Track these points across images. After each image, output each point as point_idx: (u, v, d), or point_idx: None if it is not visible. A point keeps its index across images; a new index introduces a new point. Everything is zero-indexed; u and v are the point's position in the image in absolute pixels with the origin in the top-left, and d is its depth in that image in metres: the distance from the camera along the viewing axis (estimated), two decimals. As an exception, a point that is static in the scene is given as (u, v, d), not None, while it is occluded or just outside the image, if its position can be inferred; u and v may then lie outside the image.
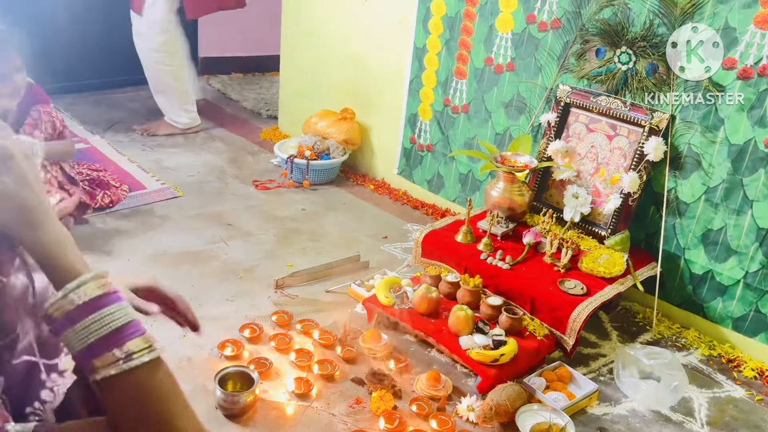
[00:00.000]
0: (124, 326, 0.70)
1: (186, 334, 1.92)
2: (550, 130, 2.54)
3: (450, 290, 2.21)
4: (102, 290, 0.70)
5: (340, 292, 2.40)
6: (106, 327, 0.69)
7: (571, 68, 2.53)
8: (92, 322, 0.68)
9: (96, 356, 0.68)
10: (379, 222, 3.03)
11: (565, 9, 2.49)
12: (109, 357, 0.68)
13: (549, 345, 2.07)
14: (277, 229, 2.86)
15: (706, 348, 2.27)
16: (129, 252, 2.55)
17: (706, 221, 2.27)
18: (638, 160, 2.30)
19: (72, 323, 0.68)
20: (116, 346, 0.69)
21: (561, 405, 1.83)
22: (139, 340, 0.70)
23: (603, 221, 2.39)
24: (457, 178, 3.06)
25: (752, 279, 2.19)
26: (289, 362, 2.00)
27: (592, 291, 2.10)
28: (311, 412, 1.81)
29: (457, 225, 2.46)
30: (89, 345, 0.68)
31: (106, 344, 0.68)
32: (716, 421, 1.94)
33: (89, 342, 0.68)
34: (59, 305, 0.68)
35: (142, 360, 0.69)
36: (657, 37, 2.27)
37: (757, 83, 2.08)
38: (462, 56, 2.89)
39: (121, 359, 0.68)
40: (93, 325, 0.68)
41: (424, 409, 1.84)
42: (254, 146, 3.83)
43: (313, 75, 3.77)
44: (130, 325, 0.70)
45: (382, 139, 3.43)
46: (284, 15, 3.88)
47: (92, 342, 0.68)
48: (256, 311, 2.24)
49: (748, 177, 2.14)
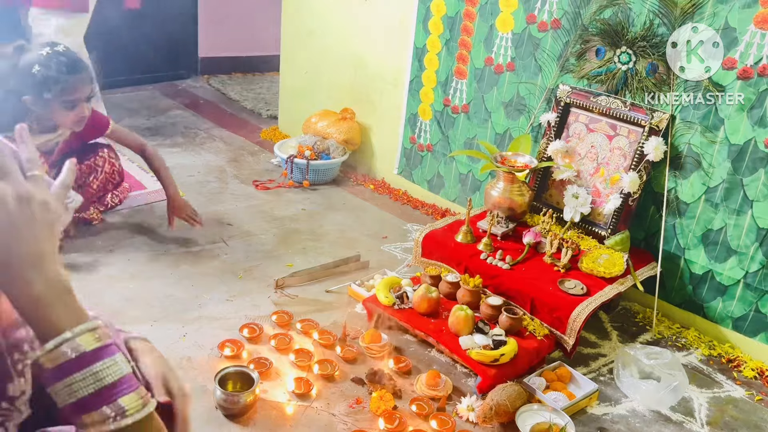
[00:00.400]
0: (117, 381, 0.66)
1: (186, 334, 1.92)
2: (550, 130, 2.54)
3: (450, 290, 2.21)
4: (97, 343, 0.66)
5: (340, 292, 2.40)
6: (98, 382, 0.65)
7: (571, 68, 2.53)
8: (85, 377, 0.64)
9: (86, 412, 0.64)
10: (379, 222, 3.03)
11: (565, 9, 2.49)
12: (99, 414, 0.64)
13: (549, 345, 2.07)
14: (277, 229, 2.86)
15: (706, 348, 2.27)
16: (129, 252, 2.55)
17: (706, 221, 2.27)
18: (638, 160, 2.30)
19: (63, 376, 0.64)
20: (107, 403, 0.65)
21: (561, 405, 1.83)
22: (132, 396, 0.66)
23: (603, 221, 2.39)
24: (457, 178, 3.06)
25: (752, 279, 2.19)
26: (289, 362, 2.00)
27: (592, 291, 2.10)
28: (311, 412, 1.81)
29: (457, 225, 2.46)
30: (79, 399, 0.64)
31: (98, 400, 0.64)
32: (716, 421, 1.94)
33: (79, 396, 0.64)
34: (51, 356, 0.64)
35: (134, 418, 0.66)
36: (657, 37, 2.27)
37: (757, 83, 2.08)
38: (462, 56, 2.89)
39: (111, 417, 0.64)
40: (86, 380, 0.64)
41: (424, 409, 1.84)
42: (254, 146, 3.83)
43: (313, 75, 3.77)
44: (123, 379, 0.66)
45: (382, 139, 3.43)
46: (284, 15, 3.88)
47: (83, 396, 0.64)
48: (256, 311, 2.24)
49: (748, 177, 2.14)
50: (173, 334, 2.09)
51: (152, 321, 2.14)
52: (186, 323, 2.14)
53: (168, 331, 2.10)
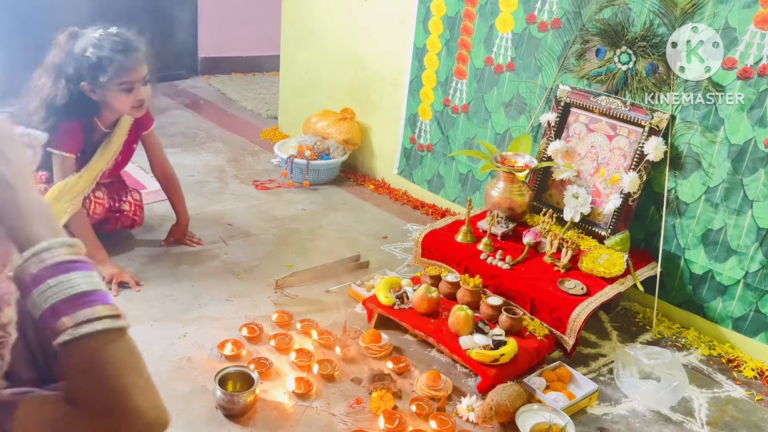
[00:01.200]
0: (88, 292, 0.70)
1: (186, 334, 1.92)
2: (550, 130, 2.54)
3: (450, 290, 2.21)
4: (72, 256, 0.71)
5: (340, 292, 2.40)
6: (71, 288, 0.69)
7: (571, 68, 2.53)
8: (58, 283, 0.69)
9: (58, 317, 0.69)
10: (379, 222, 3.03)
11: (565, 9, 2.49)
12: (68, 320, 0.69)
13: (549, 345, 2.07)
14: (277, 229, 2.86)
15: (706, 348, 2.27)
16: (129, 251, 2.55)
17: (706, 221, 2.27)
18: (638, 160, 2.30)
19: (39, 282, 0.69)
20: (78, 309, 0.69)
21: (561, 405, 1.83)
22: (101, 307, 0.70)
23: (603, 221, 2.39)
24: (457, 178, 3.06)
25: (752, 279, 2.19)
26: (289, 362, 2.00)
27: (592, 291, 2.10)
28: (311, 412, 1.81)
29: (457, 225, 2.46)
30: (52, 305, 0.69)
31: (69, 306, 0.69)
32: (716, 421, 1.93)
33: (52, 302, 0.69)
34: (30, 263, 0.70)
35: (104, 326, 0.69)
36: (657, 37, 2.27)
37: (757, 83, 2.08)
38: (462, 56, 2.89)
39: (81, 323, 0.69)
40: (60, 284, 0.69)
41: (424, 409, 1.84)
42: (254, 146, 3.83)
43: (313, 75, 3.77)
44: (95, 293, 0.71)
45: (382, 139, 3.43)
46: (284, 15, 3.88)
47: (55, 303, 0.69)
48: (256, 311, 2.24)
49: (748, 177, 2.14)
50: (173, 334, 2.09)
51: (152, 321, 2.14)
52: (186, 323, 2.14)
53: (168, 331, 2.10)
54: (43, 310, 0.69)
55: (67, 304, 0.69)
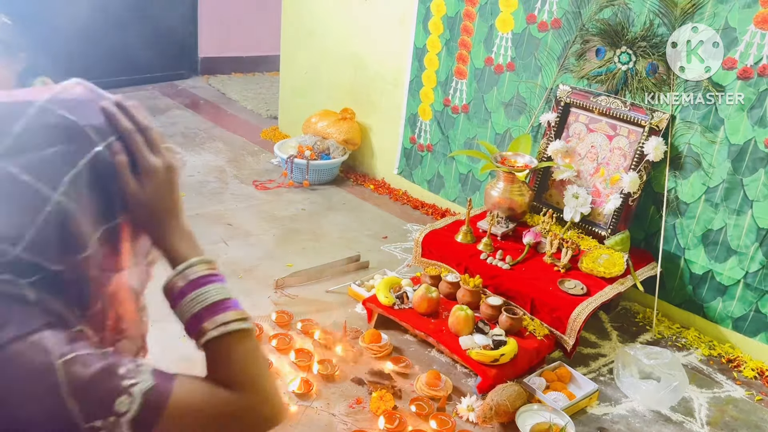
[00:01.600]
0: (223, 300, 0.84)
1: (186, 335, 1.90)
2: (550, 130, 2.54)
3: (450, 290, 2.21)
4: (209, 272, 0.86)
5: (340, 292, 2.40)
6: (210, 299, 0.84)
7: (571, 68, 2.53)
8: (197, 295, 0.84)
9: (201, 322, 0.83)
10: (379, 222, 3.03)
11: (565, 9, 2.49)
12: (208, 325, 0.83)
13: (549, 345, 2.07)
14: (277, 229, 2.86)
15: (706, 348, 2.27)
16: (129, 252, 2.55)
17: (706, 221, 2.27)
18: (638, 160, 2.30)
19: (184, 295, 0.85)
20: (214, 315, 0.83)
21: (561, 405, 1.83)
22: (233, 312, 0.84)
23: (603, 221, 2.39)
24: (457, 178, 3.06)
25: (752, 279, 2.19)
26: (289, 362, 2.00)
27: (592, 291, 2.10)
28: (311, 412, 1.81)
29: (457, 225, 2.46)
30: (195, 313, 0.83)
31: (209, 313, 0.83)
32: (716, 421, 1.93)
33: (195, 311, 0.83)
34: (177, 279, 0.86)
35: (239, 326, 0.83)
36: (657, 37, 2.27)
37: (757, 83, 2.08)
38: (462, 56, 2.89)
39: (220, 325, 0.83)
40: (197, 297, 0.84)
41: (424, 409, 1.84)
42: (254, 146, 3.83)
43: (313, 75, 3.77)
44: (227, 300, 0.85)
45: (382, 139, 3.43)
46: (284, 15, 3.88)
47: (198, 311, 0.83)
48: (256, 311, 2.24)
49: (748, 177, 2.14)
50: (173, 334, 2.08)
51: (152, 321, 2.13)
52: (186, 323, 2.14)
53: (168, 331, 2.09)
54: (188, 317, 0.84)
55: (206, 311, 0.83)
